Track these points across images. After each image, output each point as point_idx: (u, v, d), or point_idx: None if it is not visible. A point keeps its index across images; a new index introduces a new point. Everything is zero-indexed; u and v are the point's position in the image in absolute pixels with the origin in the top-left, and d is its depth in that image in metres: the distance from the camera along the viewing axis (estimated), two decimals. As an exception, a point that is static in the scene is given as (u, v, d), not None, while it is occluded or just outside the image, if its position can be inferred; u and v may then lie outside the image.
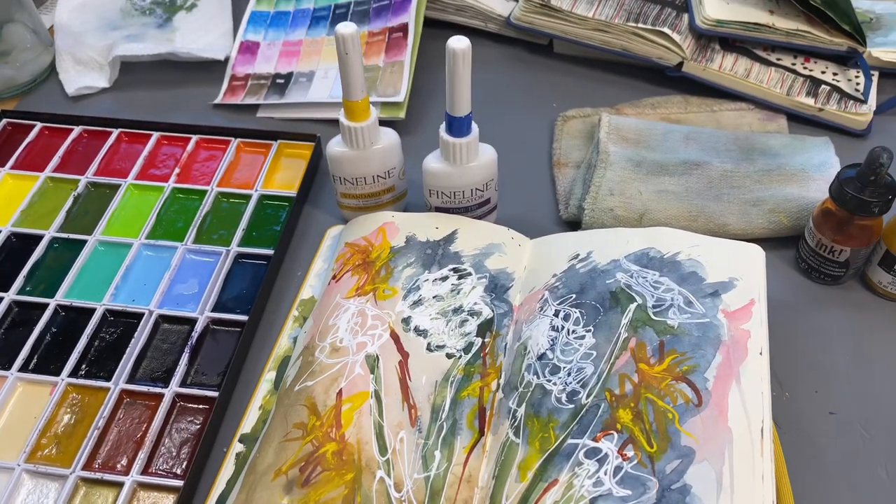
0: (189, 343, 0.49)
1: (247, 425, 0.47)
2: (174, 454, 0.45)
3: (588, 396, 0.43)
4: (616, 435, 0.41)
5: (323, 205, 0.60)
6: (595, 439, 0.41)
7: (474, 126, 0.50)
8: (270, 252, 0.54)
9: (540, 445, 0.42)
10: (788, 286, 0.53)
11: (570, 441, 0.41)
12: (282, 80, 0.68)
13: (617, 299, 0.47)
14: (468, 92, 0.47)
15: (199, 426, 0.46)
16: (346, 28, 0.46)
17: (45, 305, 0.52)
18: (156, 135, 0.63)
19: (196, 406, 0.47)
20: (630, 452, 0.40)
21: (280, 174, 0.61)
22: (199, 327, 0.50)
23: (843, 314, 0.52)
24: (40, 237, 0.56)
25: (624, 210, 0.55)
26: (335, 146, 0.53)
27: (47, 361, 0.49)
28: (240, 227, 0.56)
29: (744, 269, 0.47)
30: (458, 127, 0.49)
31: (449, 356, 0.47)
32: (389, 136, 0.53)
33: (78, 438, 0.45)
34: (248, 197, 0.58)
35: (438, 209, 0.55)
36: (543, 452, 0.41)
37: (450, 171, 0.52)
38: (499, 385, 0.46)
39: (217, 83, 0.69)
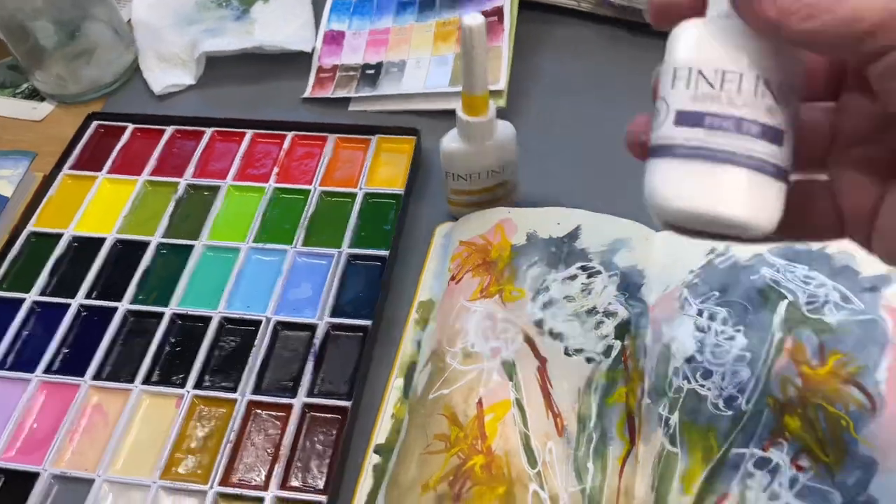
0: (312, 350, 0.48)
1: (380, 436, 0.45)
2: (310, 467, 0.44)
3: (748, 402, 0.41)
4: (786, 444, 0.39)
5: (428, 201, 0.58)
6: (763, 448, 0.39)
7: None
8: (385, 253, 0.52)
9: (702, 455, 0.40)
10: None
11: (735, 450, 0.39)
12: (371, 71, 0.65)
13: (766, 296, 0.44)
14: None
15: (332, 437, 0.45)
16: (474, 20, 0.43)
17: (161, 314, 0.51)
18: (250, 132, 0.62)
19: (327, 416, 0.46)
20: (805, 463, 0.38)
21: (382, 170, 0.59)
22: (320, 333, 0.49)
23: None
24: (146, 244, 0.55)
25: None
26: (451, 142, 0.50)
27: (169, 373, 0.48)
28: (349, 227, 0.54)
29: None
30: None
31: (589, 360, 0.45)
32: (506, 130, 0.51)
33: (211, 452, 0.44)
34: (352, 195, 0.56)
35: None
36: (707, 462, 0.39)
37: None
38: (643, 391, 0.44)
39: (303, 76, 0.67)
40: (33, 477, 0.44)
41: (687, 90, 0.24)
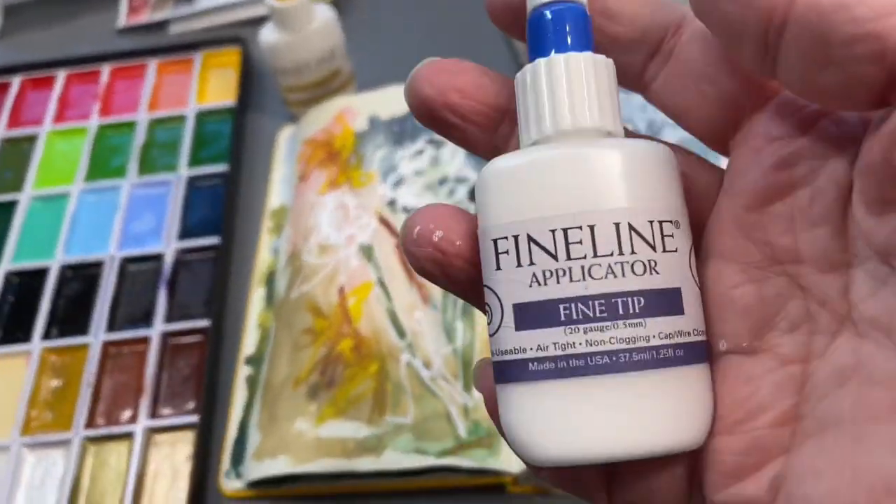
0: (162, 278, 0.45)
1: (249, 347, 0.43)
2: (180, 392, 0.42)
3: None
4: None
5: (268, 111, 0.55)
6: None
7: None
8: (225, 168, 0.50)
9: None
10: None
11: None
12: (187, -12, 0.61)
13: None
14: None
15: (197, 359, 0.43)
16: None
17: (-7, 276, 0.47)
18: (62, 73, 0.57)
19: (189, 340, 0.44)
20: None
21: (212, 86, 0.55)
22: (168, 260, 0.46)
23: None
24: (-36, 207, 0.50)
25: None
26: (268, 35, 0.48)
27: (13, 331, 0.45)
28: (183, 149, 0.51)
29: None
30: None
31: (445, 228, 0.44)
32: (324, 12, 0.48)
33: (71, 400, 0.42)
34: (183, 117, 0.53)
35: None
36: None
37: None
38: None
39: (115, 7, 0.62)
40: None
41: (519, 270, 0.16)
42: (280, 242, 0.47)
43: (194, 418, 0.40)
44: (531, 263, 0.15)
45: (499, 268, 0.16)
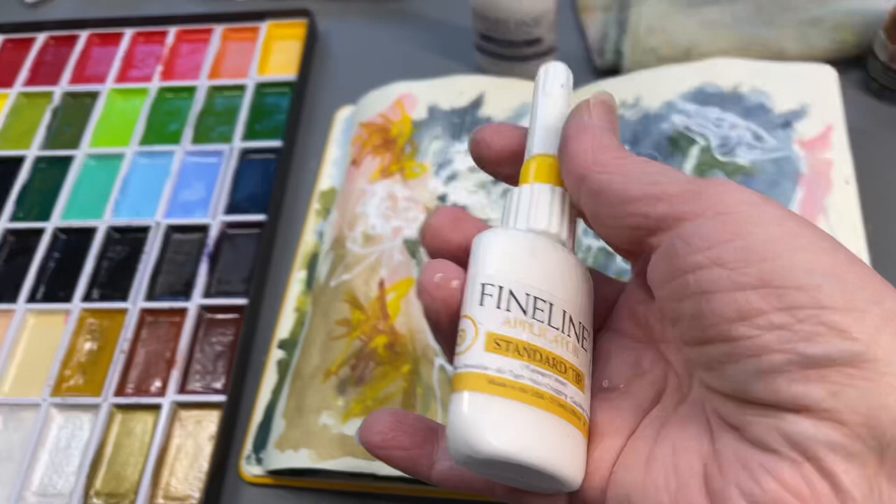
0: (206, 250, 0.45)
1: (283, 330, 0.43)
2: (211, 369, 0.41)
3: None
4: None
5: (328, 87, 0.54)
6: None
7: None
8: (279, 143, 0.49)
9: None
10: (860, 111, 0.48)
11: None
12: (259, -45, 0.60)
13: (676, 144, 0.42)
14: None
15: (231, 337, 0.42)
16: None
17: (42, 230, 0.47)
18: (129, 31, 0.56)
19: (225, 317, 0.43)
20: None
21: (275, 58, 0.54)
22: (213, 233, 0.45)
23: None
24: (22, 158, 0.50)
25: (669, 48, 0.48)
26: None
27: (55, 289, 0.45)
28: (240, 120, 0.50)
29: (816, 93, 0.42)
30: None
31: (495, 230, 0.42)
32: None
33: (104, 365, 0.42)
34: (243, 87, 0.52)
35: (481, 47, 0.49)
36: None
37: None
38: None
39: (187, -31, 0.62)
40: (-85, 409, 0.41)
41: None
42: (326, 226, 0.46)
43: (222, 398, 0.40)
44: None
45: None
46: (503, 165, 0.24)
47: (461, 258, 0.22)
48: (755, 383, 0.17)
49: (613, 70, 0.50)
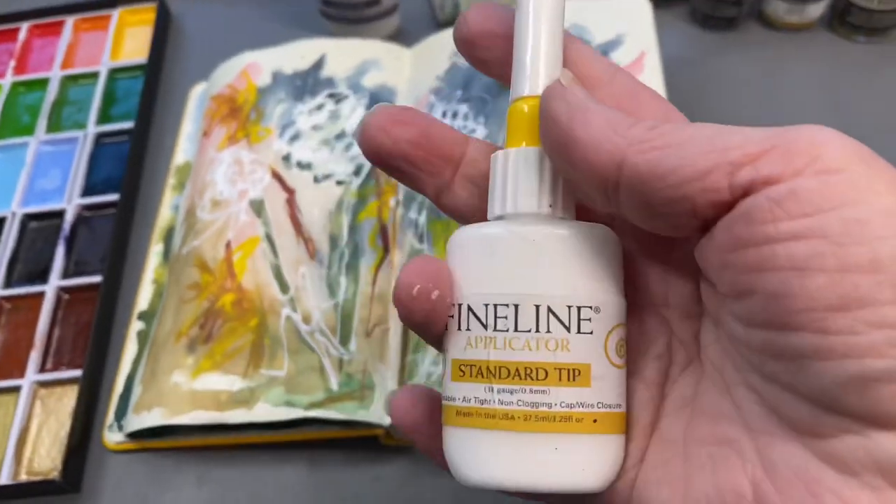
0: (62, 234, 0.45)
1: (143, 302, 0.43)
2: (71, 348, 0.42)
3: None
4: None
5: (184, 67, 0.54)
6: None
7: None
8: (131, 125, 0.49)
9: (443, 244, 0.39)
10: (686, 42, 0.50)
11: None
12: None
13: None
14: None
15: (90, 315, 0.43)
16: None
17: None
18: (-20, 31, 0.56)
19: (85, 295, 0.44)
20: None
21: (128, 44, 0.54)
22: (69, 217, 0.46)
23: (746, 58, 0.49)
24: None
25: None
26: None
27: (-88, 288, 0.45)
28: (93, 106, 0.50)
29: (630, 24, 0.44)
30: None
31: (339, 183, 0.43)
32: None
33: (-39, 355, 0.42)
34: (96, 74, 0.52)
35: (326, 13, 0.50)
36: (449, 250, 0.39)
37: None
38: (398, 201, 0.43)
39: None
40: None
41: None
42: (181, 199, 0.46)
43: (77, 372, 0.40)
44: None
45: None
46: (475, 48, 0.20)
47: (411, 156, 0.20)
48: (848, 390, 0.14)
49: (453, 22, 0.52)
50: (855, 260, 0.14)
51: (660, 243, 0.19)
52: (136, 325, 0.43)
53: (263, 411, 0.36)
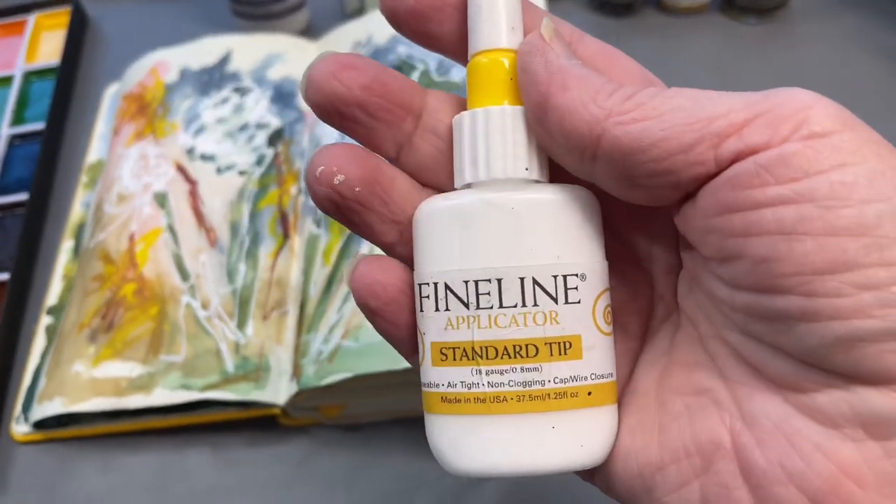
0: (-28, 235, 0.46)
1: (52, 298, 0.44)
2: (-20, 345, 0.42)
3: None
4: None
5: (100, 68, 0.55)
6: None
7: None
8: (42, 126, 0.50)
9: (339, 229, 0.40)
10: (584, 28, 0.52)
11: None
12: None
13: (401, 70, 0.45)
14: None
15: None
16: None
17: None
18: None
19: (-5, 294, 0.44)
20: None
21: (44, 47, 0.55)
22: (-20, 218, 0.47)
23: (643, 43, 0.51)
24: None
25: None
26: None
27: None
28: (7, 109, 0.51)
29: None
30: None
31: (241, 173, 0.44)
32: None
33: None
34: (10, 78, 0.53)
35: (236, 11, 0.52)
36: (342, 234, 0.40)
37: None
38: (300, 189, 0.44)
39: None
40: None
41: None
42: (93, 196, 0.47)
43: (-16, 368, 0.41)
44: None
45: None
46: (427, 21, 0.17)
47: (366, 103, 0.17)
48: (835, 350, 0.14)
49: (359, 14, 0.53)
50: (842, 223, 0.14)
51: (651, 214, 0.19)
52: (45, 320, 0.43)
53: (161, 395, 0.37)
